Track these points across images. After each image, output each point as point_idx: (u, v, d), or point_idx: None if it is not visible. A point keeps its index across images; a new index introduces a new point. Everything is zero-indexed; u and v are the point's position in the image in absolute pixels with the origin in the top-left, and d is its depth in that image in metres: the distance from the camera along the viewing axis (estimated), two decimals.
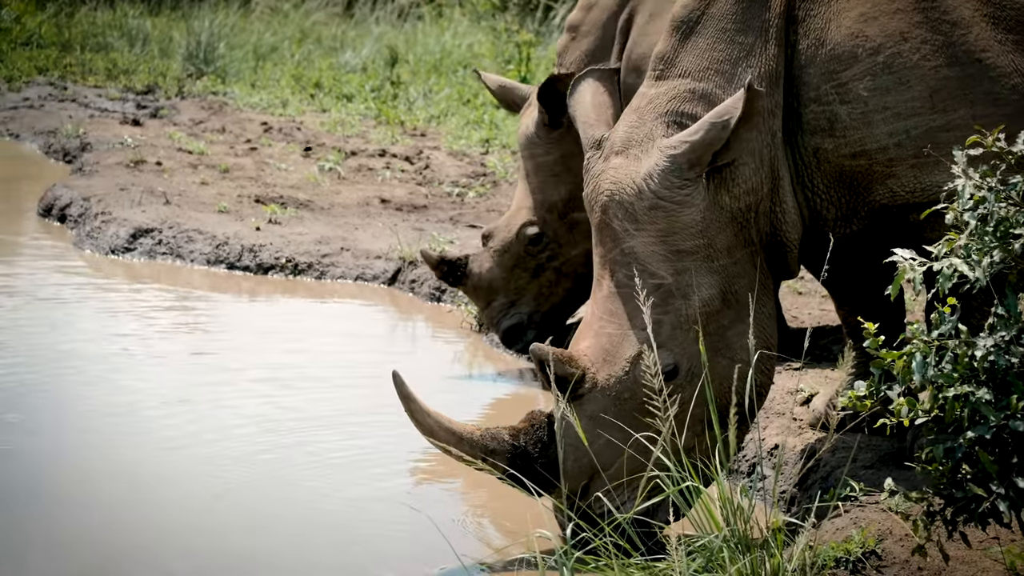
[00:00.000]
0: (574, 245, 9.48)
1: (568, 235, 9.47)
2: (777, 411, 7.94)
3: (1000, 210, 5.05)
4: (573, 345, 6.39)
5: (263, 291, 11.55)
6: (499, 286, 9.54)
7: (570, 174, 9.31)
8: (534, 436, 6.22)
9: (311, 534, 6.84)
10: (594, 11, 9.40)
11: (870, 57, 6.39)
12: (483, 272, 9.53)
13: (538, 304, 9.58)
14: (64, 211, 13.31)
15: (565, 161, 9.37)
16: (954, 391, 4.96)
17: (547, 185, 9.47)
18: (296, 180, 14.50)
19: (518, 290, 9.55)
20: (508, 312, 9.56)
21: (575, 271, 9.53)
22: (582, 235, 9.36)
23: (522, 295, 9.56)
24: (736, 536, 5.59)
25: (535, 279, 9.54)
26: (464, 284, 9.60)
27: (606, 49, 9.28)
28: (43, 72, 20.64)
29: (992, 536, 5.76)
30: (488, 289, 9.56)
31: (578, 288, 9.57)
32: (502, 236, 9.52)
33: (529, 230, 9.43)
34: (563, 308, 9.69)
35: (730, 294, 6.32)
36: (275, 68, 21.64)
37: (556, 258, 9.52)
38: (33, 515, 6.91)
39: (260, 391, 8.85)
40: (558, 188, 9.44)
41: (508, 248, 9.50)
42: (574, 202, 9.29)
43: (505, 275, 9.52)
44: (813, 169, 6.50)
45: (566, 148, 9.34)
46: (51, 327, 9.92)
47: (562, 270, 9.54)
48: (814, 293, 10.31)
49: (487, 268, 9.52)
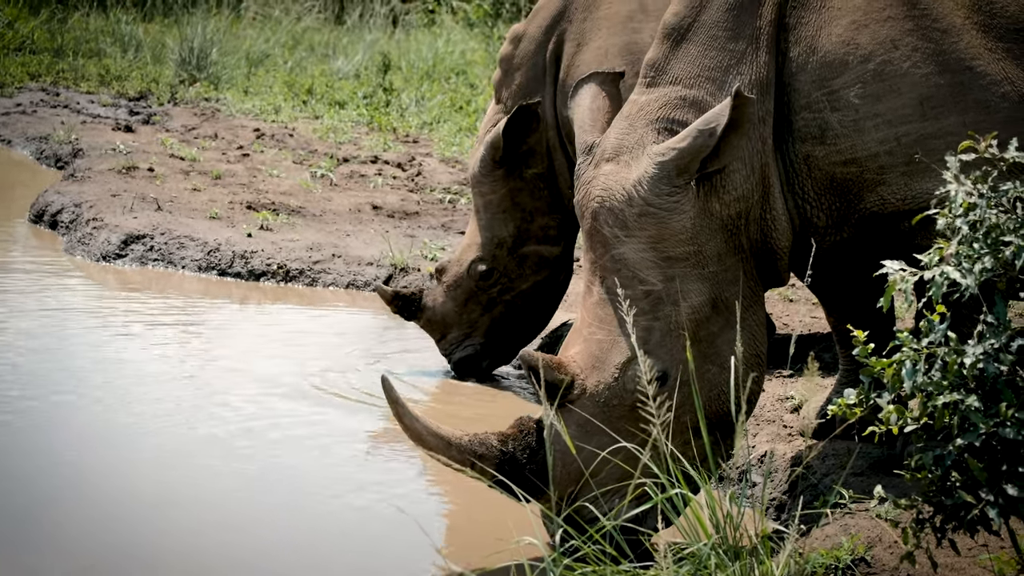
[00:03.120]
0: (524, 279, 9.60)
1: (518, 270, 9.58)
2: (767, 418, 7.94)
3: (991, 217, 5.05)
4: (563, 351, 6.39)
5: (255, 297, 11.54)
6: (452, 320, 9.62)
7: (517, 210, 9.49)
8: (523, 442, 6.22)
9: (299, 540, 6.82)
10: (523, 43, 9.50)
11: (861, 64, 6.39)
12: (436, 307, 9.62)
13: (491, 336, 9.66)
14: (55, 217, 13.29)
15: (512, 196, 9.49)
16: (943, 399, 4.95)
17: (495, 222, 9.55)
18: (288, 187, 14.50)
19: (471, 323, 9.63)
20: (462, 344, 9.64)
21: (526, 304, 9.65)
22: (532, 269, 9.56)
23: (475, 328, 9.63)
24: (725, 543, 5.58)
25: (488, 312, 9.62)
26: (418, 318, 9.67)
27: (539, 80, 9.41)
28: (35, 78, 20.63)
29: (981, 544, 5.76)
30: (442, 323, 9.64)
31: (531, 319, 9.73)
32: (454, 272, 9.61)
33: (479, 266, 9.52)
34: (517, 339, 9.77)
35: (720, 301, 6.32)
36: (267, 75, 21.64)
37: (507, 292, 9.60)
38: (31, 518, 6.93)
39: (250, 396, 8.84)
40: (506, 224, 9.52)
41: (459, 283, 9.58)
42: (522, 237, 9.51)
43: (458, 309, 9.61)
44: (804, 176, 6.50)
45: (512, 185, 9.47)
46: (41, 334, 9.89)
47: (515, 303, 9.62)
48: (804, 300, 10.31)
49: (440, 303, 9.61)
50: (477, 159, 9.53)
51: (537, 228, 9.54)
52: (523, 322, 9.72)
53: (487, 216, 9.55)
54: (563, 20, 9.36)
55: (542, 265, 9.58)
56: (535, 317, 9.74)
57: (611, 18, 9.18)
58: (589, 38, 9.16)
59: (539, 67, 9.40)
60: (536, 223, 9.53)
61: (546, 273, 9.60)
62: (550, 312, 9.83)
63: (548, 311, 9.81)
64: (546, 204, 9.49)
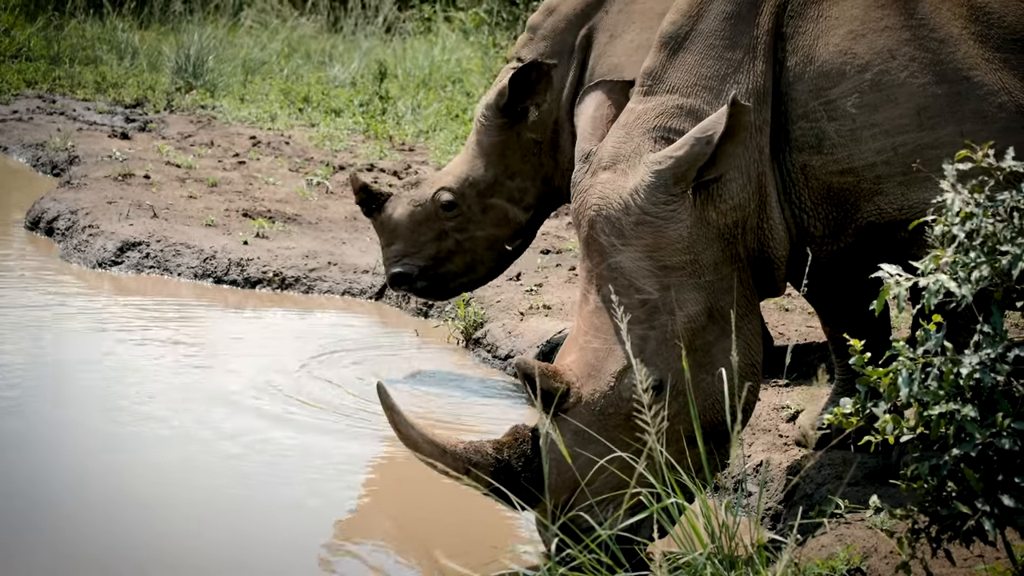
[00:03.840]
0: (481, 227, 9.71)
1: (480, 215, 9.69)
2: (763, 428, 7.94)
3: (988, 226, 5.05)
4: (559, 359, 6.38)
5: (250, 305, 11.53)
6: (402, 233, 9.75)
7: (501, 162, 9.58)
8: (518, 450, 6.21)
9: (293, 544, 6.83)
10: (553, 16, 9.54)
11: (858, 74, 6.40)
12: (393, 215, 9.75)
13: (431, 264, 9.78)
14: (51, 224, 13.27)
15: (502, 148, 9.58)
16: (940, 408, 4.95)
17: (477, 163, 9.66)
18: (284, 194, 14.49)
19: (417, 244, 9.74)
20: (401, 259, 9.77)
21: (474, 250, 9.77)
22: (492, 222, 9.68)
23: (420, 250, 9.75)
24: (721, 553, 5.58)
25: (436, 242, 9.73)
26: (374, 218, 9.83)
27: (560, 56, 9.43)
28: (32, 85, 20.60)
29: (976, 554, 5.76)
30: (392, 232, 9.77)
31: (471, 266, 9.84)
32: (423, 190, 9.75)
33: (444, 196, 9.64)
34: (452, 277, 9.88)
35: (716, 310, 6.32)
36: (264, 82, 21.62)
37: (461, 231, 9.72)
38: (28, 521, 6.93)
39: (245, 403, 8.84)
40: (486, 170, 9.63)
41: (423, 203, 9.71)
42: (495, 189, 9.62)
43: (412, 226, 9.73)
44: (801, 186, 6.50)
45: (506, 137, 9.56)
46: (36, 340, 9.89)
47: (463, 244, 9.74)
48: (800, 310, 10.31)
49: (398, 213, 9.74)
50: (489, 98, 9.60)
51: (513, 187, 9.66)
52: (464, 267, 9.82)
53: (473, 154, 9.68)
54: (600, 8, 9.39)
55: (503, 223, 9.71)
56: (476, 268, 9.87)
57: (645, 13, 9.20)
58: (622, 31, 9.18)
59: (567, 45, 9.44)
60: (514, 183, 9.64)
61: (505, 232, 9.73)
62: (492, 273, 9.95)
63: (491, 269, 9.92)
64: (532, 169, 9.57)
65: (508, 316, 10.67)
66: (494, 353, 10.35)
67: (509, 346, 10.25)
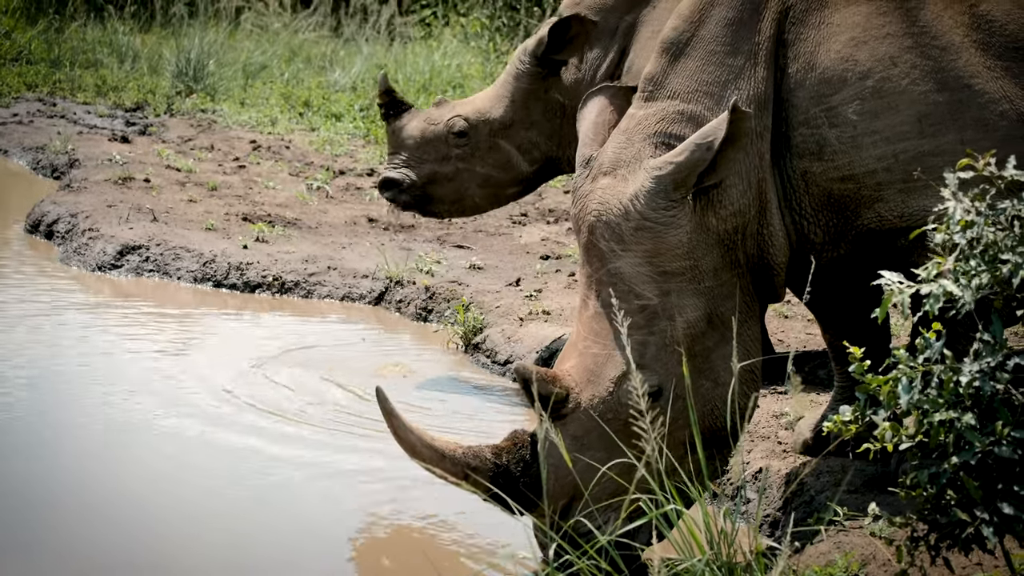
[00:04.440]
0: (483, 163, 9.95)
1: (485, 152, 9.94)
2: (762, 435, 7.93)
3: (989, 234, 5.05)
4: (558, 365, 6.37)
5: (250, 309, 11.52)
6: (408, 144, 10.03)
7: (522, 109, 9.83)
8: (516, 455, 6.20)
9: (291, 549, 6.82)
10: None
11: (859, 81, 6.39)
12: (404, 125, 10.06)
13: (423, 183, 10.04)
14: (51, 227, 13.27)
15: (526, 97, 9.82)
16: (939, 416, 4.94)
17: (499, 102, 9.91)
18: (284, 198, 14.49)
19: (419, 159, 10.01)
20: (399, 168, 10.05)
21: (468, 184, 10.03)
22: (494, 161, 9.94)
23: (420, 165, 10.01)
24: (719, 560, 5.57)
25: (437, 162, 10.02)
26: (388, 122, 10.15)
27: (605, 34, 9.51)
28: (32, 88, 20.60)
29: (975, 562, 5.75)
30: (398, 141, 10.07)
31: (460, 196, 10.10)
32: (441, 111, 10.02)
33: (459, 123, 9.93)
34: (438, 201, 10.14)
35: (715, 316, 6.31)
36: (264, 86, 21.62)
37: (463, 160, 9.96)
38: (25, 524, 6.94)
39: (244, 407, 8.83)
40: (504, 112, 9.88)
41: (437, 123, 9.97)
42: (506, 132, 9.86)
43: (419, 140, 10.01)
44: (801, 192, 6.50)
45: (533, 88, 9.78)
46: (35, 344, 9.89)
47: (461, 174, 10.00)
48: (800, 317, 10.31)
49: (411, 125, 10.05)
50: (531, 42, 9.80)
51: (525, 137, 9.88)
52: (453, 195, 10.08)
53: (498, 93, 9.93)
54: (646, 3, 9.41)
55: (505, 167, 9.94)
56: (463, 200, 10.12)
57: None
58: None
59: (609, 25, 9.52)
60: (528, 133, 9.87)
61: (503, 176, 9.97)
62: (475, 209, 10.28)
63: (476, 207, 10.22)
64: (549, 128, 9.70)
65: (507, 321, 10.67)
66: (493, 358, 10.34)
67: (508, 351, 10.25)
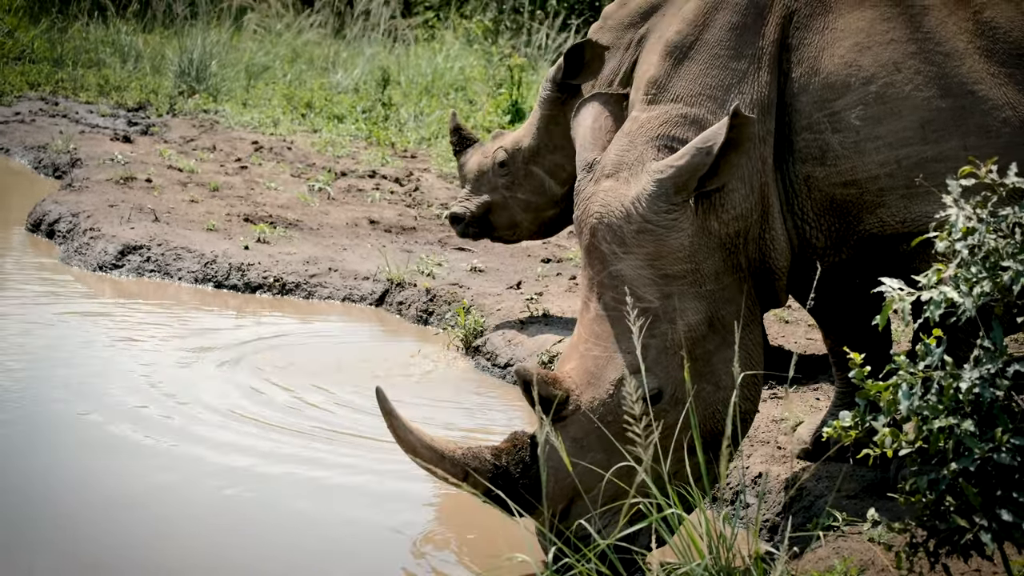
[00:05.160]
0: (522, 191, 10.64)
1: (522, 179, 10.62)
2: (761, 439, 7.93)
3: (990, 241, 5.05)
4: (559, 367, 6.37)
5: (250, 310, 11.52)
6: (469, 178, 10.87)
7: (546, 135, 10.43)
8: (516, 456, 6.20)
9: (292, 554, 6.82)
10: (623, 10, 9.79)
11: (863, 86, 6.39)
12: (467, 161, 10.91)
13: (479, 213, 10.79)
14: (53, 226, 13.27)
15: (548, 122, 10.39)
16: (939, 423, 4.94)
17: (529, 130, 10.55)
18: (286, 200, 14.49)
19: (475, 191, 10.82)
20: (462, 201, 10.88)
21: (515, 211, 10.74)
22: (531, 188, 10.64)
23: (478, 196, 10.80)
24: (718, 564, 5.57)
25: (488, 192, 10.77)
26: (456, 157, 11.02)
27: (617, 49, 9.71)
28: (35, 87, 20.62)
29: (974, 568, 5.75)
30: (463, 176, 10.95)
31: (513, 223, 10.79)
32: (493, 145, 10.77)
33: (500, 155, 10.69)
34: (497, 229, 10.86)
35: (717, 320, 6.31)
36: (267, 87, 21.63)
37: (507, 190, 10.66)
38: (27, 519, 6.95)
39: (245, 409, 8.83)
40: (533, 139, 10.50)
41: (489, 157, 10.76)
42: (535, 158, 10.55)
43: (477, 175, 10.81)
44: (803, 197, 6.50)
45: (556, 112, 10.27)
46: (35, 342, 9.89)
47: (508, 202, 10.74)
48: (800, 321, 10.31)
49: (472, 160, 10.88)
50: (554, 69, 10.21)
51: (552, 161, 10.47)
52: (507, 222, 10.79)
53: (530, 120, 10.61)
54: (659, 11, 9.46)
55: (539, 191, 10.58)
56: (518, 227, 10.78)
57: None
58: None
59: (625, 40, 9.66)
60: (554, 156, 10.45)
61: (540, 200, 10.61)
62: (534, 234, 10.88)
63: (531, 232, 10.82)
64: (571, 148, 9.74)
65: (508, 324, 10.67)
66: (494, 361, 10.34)
67: (509, 354, 10.25)
